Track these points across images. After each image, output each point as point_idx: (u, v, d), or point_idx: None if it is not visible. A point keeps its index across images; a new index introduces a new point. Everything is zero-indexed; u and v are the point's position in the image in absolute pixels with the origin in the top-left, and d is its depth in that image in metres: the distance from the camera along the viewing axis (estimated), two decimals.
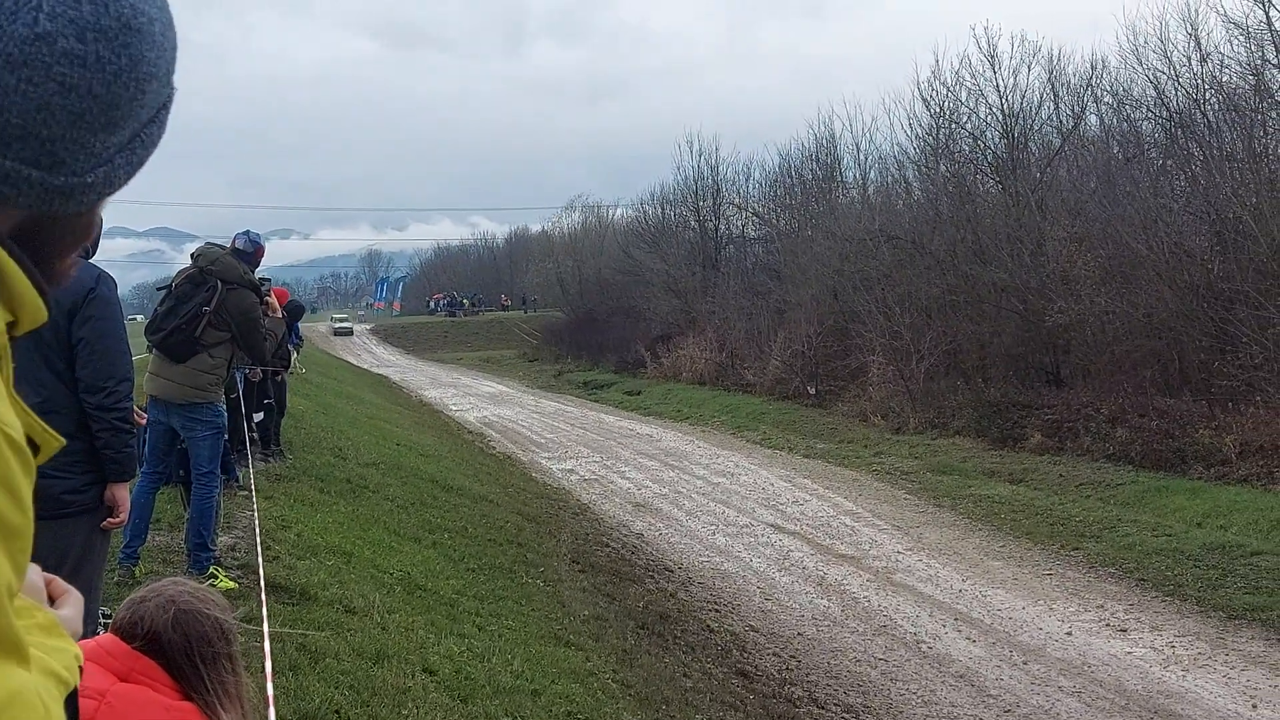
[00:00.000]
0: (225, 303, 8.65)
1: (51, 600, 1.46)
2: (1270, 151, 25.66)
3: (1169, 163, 29.04)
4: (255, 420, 12.76)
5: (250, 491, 11.06)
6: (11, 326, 1.17)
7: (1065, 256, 28.21)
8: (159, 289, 9.16)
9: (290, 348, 14.78)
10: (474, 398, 44.30)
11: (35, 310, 1.17)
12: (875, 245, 35.49)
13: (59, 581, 1.50)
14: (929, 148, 37.78)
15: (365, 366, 61.01)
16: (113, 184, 1.21)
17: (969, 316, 31.10)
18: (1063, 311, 26.64)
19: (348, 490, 13.52)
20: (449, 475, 19.16)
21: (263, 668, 4.88)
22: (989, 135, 34.96)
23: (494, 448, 29.86)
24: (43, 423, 1.18)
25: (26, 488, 1.04)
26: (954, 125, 36.49)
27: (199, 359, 8.51)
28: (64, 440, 1.22)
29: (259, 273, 9.95)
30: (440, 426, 32.57)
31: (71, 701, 1.22)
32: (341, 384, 36.92)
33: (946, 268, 32.35)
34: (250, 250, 9.64)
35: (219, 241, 9.64)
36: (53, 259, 1.22)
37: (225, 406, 8.87)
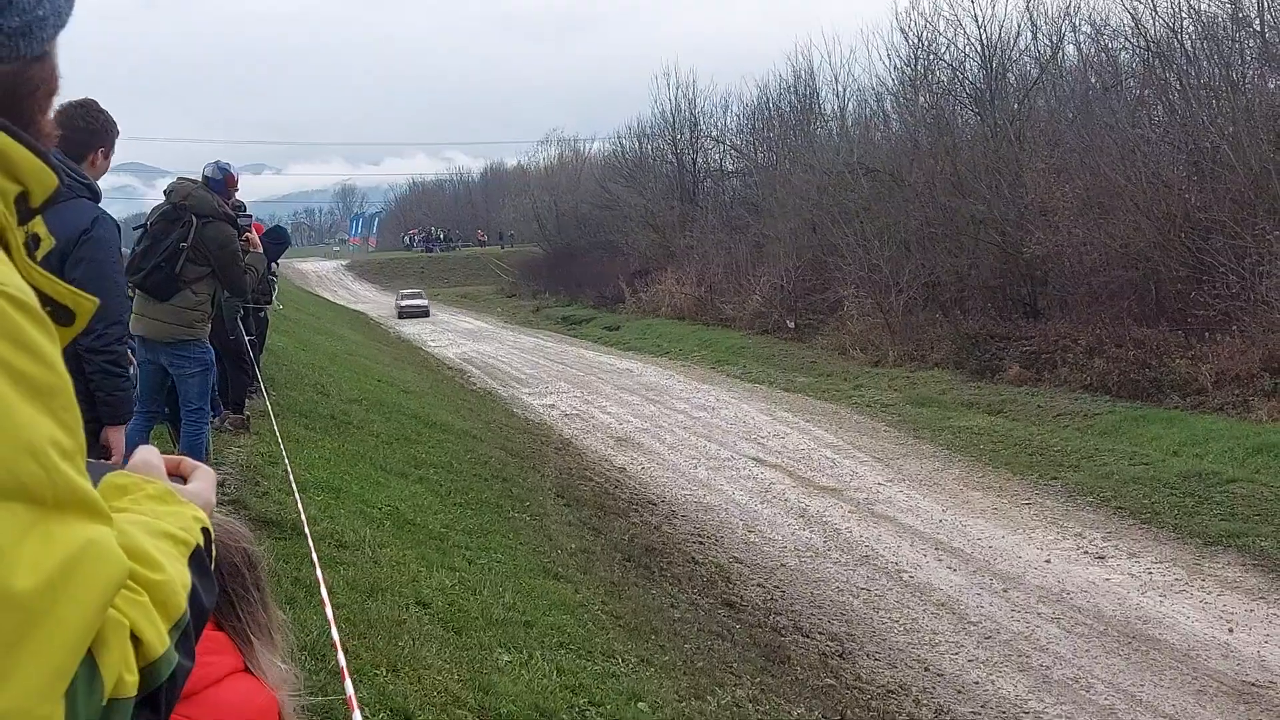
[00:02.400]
0: (202, 237, 8.59)
1: (183, 477, 1.49)
2: (1247, 80, 25.66)
3: (1147, 92, 29.01)
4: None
5: (235, 430, 11.07)
6: (24, 199, 1.17)
7: (1043, 188, 28.21)
8: (135, 229, 9.09)
9: (271, 280, 14.66)
10: (452, 334, 44.26)
11: (42, 175, 1.18)
12: (854, 178, 35.43)
13: (188, 461, 1.53)
14: (907, 79, 37.65)
15: (342, 303, 60.84)
16: (61, 14, 1.22)
17: (947, 249, 31.14)
18: (1040, 243, 26.71)
19: (332, 426, 13.53)
20: (431, 411, 19.19)
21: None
22: (967, 66, 34.91)
23: (474, 384, 29.89)
24: (70, 286, 1.19)
25: (50, 346, 1.05)
26: (932, 56, 36.37)
27: (182, 296, 8.47)
28: (97, 300, 1.24)
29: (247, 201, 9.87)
30: (420, 363, 32.56)
31: (198, 560, 1.24)
32: (319, 320, 36.79)
33: (925, 200, 32.33)
34: (220, 179, 9.56)
35: (191, 176, 9.54)
36: (34, 119, 1.23)
37: (223, 349, 8.86)
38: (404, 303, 58.32)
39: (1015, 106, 32.69)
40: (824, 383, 28.74)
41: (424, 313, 56.37)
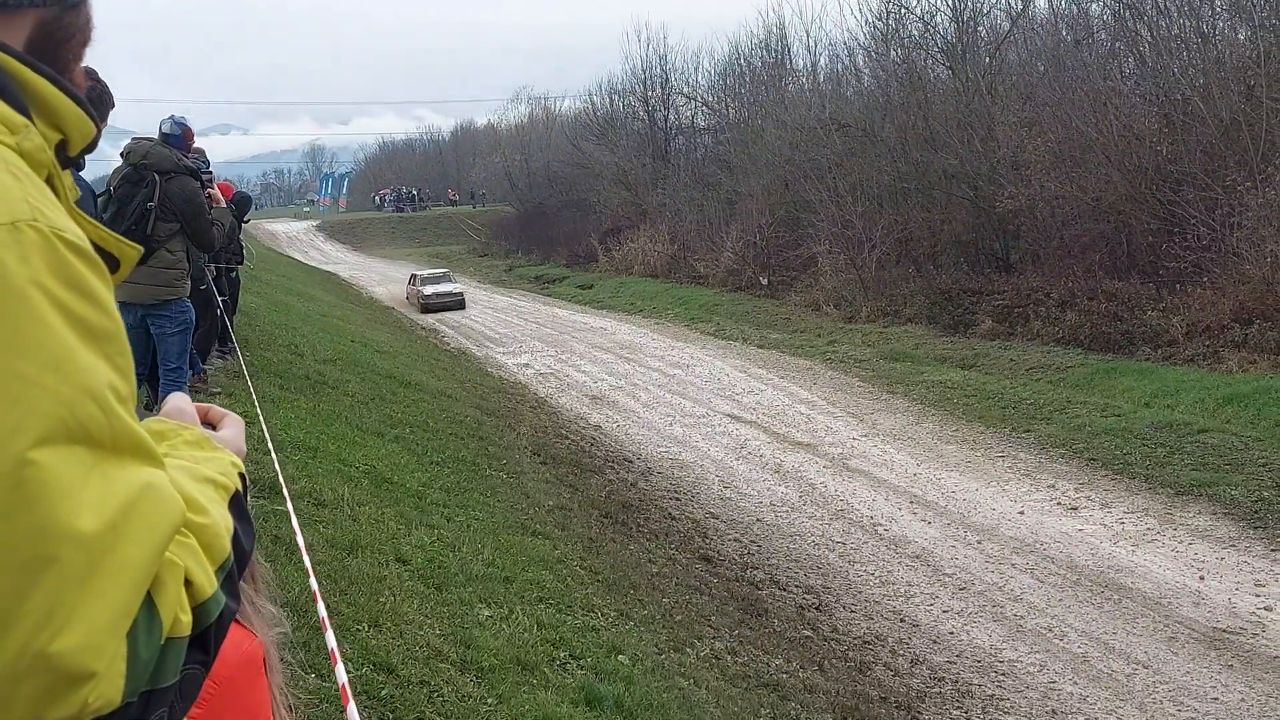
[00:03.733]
0: (167, 193, 8.51)
1: (213, 425, 1.51)
2: (1217, 32, 25.68)
3: (1118, 45, 29.00)
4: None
5: (219, 389, 11.03)
6: (63, 147, 1.18)
7: (1015, 142, 28.25)
8: (98, 195, 8.97)
9: (242, 241, 14.56)
10: None
11: (81, 123, 1.19)
12: (826, 133, 35.36)
13: (217, 408, 1.54)
14: (879, 33, 37.53)
15: (313, 264, 60.46)
16: None
17: (920, 204, 31.18)
18: (1013, 197, 26.76)
19: (307, 386, 13.48)
20: (406, 371, 19.14)
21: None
22: (938, 20, 34.79)
23: (448, 344, 29.84)
24: (115, 233, 1.20)
25: (106, 292, 1.07)
26: (903, 10, 36.23)
27: (158, 256, 8.41)
28: (140, 248, 1.25)
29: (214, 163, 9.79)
30: (393, 323, 32.46)
31: (237, 504, 1.27)
32: (291, 281, 36.57)
33: (897, 155, 32.33)
34: (178, 133, 9.46)
35: (147, 135, 9.40)
36: (68, 67, 1.24)
37: (193, 300, 8.80)
38: (428, 289, 40.32)
39: (987, 60, 32.65)
40: (798, 339, 28.81)
41: (458, 303, 39.86)
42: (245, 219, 15.02)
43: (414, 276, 43.68)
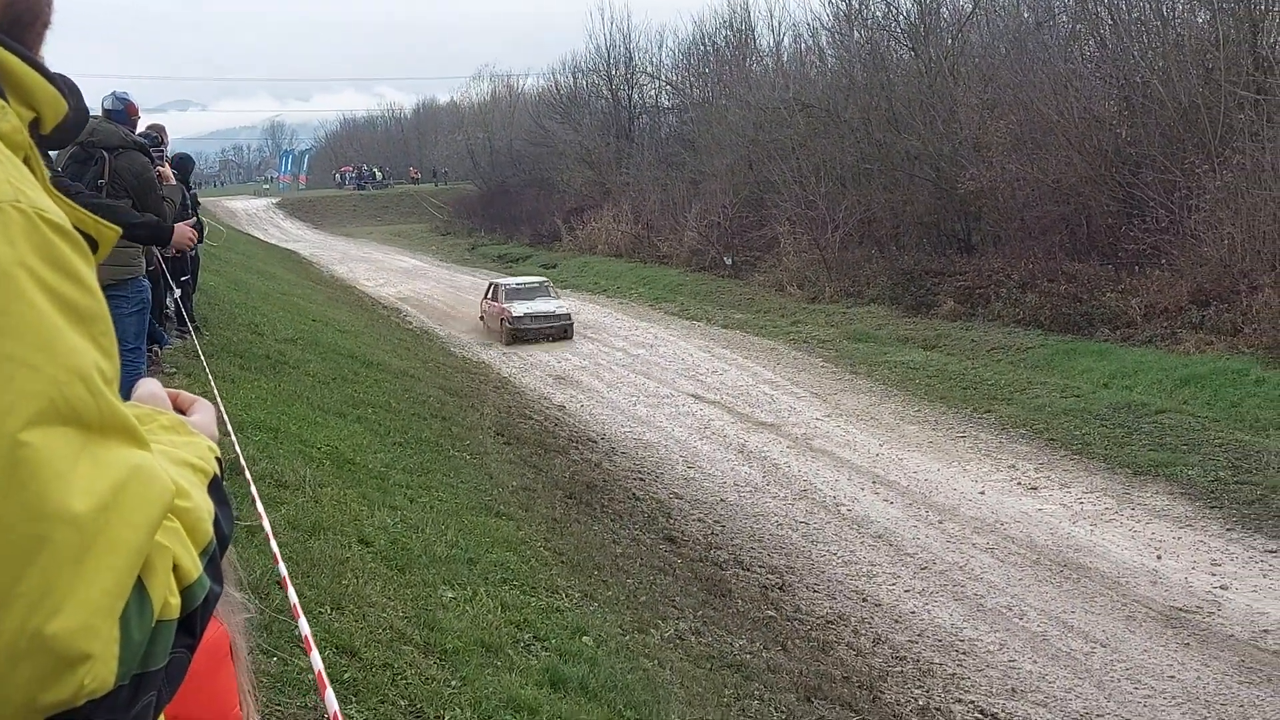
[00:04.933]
0: (116, 169, 8.38)
1: (182, 410, 1.50)
2: (1177, 15, 25.84)
3: (1079, 27, 29.12)
4: (174, 295, 12.51)
5: (175, 369, 10.92)
6: (36, 125, 1.17)
7: (977, 123, 28.38)
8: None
9: (199, 216, 14.38)
10: (387, 272, 43.85)
11: (54, 101, 1.18)
12: (790, 113, 35.38)
13: (186, 394, 1.54)
14: (842, 14, 37.54)
15: (273, 242, 59.96)
16: None
17: (883, 185, 31.26)
18: (974, 179, 26.87)
19: (268, 366, 13.38)
20: (368, 351, 19.05)
21: None
22: (901, 1, 34.81)
23: (411, 323, 29.71)
24: (92, 214, 1.20)
25: (89, 272, 1.07)
26: None
27: None
28: (119, 229, 1.25)
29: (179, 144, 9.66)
30: (355, 302, 32.27)
31: (216, 488, 1.27)
32: (251, 259, 36.27)
33: (860, 136, 32.40)
34: (121, 109, 9.33)
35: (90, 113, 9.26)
36: (34, 49, 1.22)
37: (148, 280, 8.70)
38: (519, 309, 27.81)
39: (949, 42, 32.73)
40: (761, 319, 28.87)
41: (562, 331, 27.84)
42: (191, 186, 14.80)
43: (495, 288, 29.56)
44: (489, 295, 29.63)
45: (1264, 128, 20.86)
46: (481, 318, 29.78)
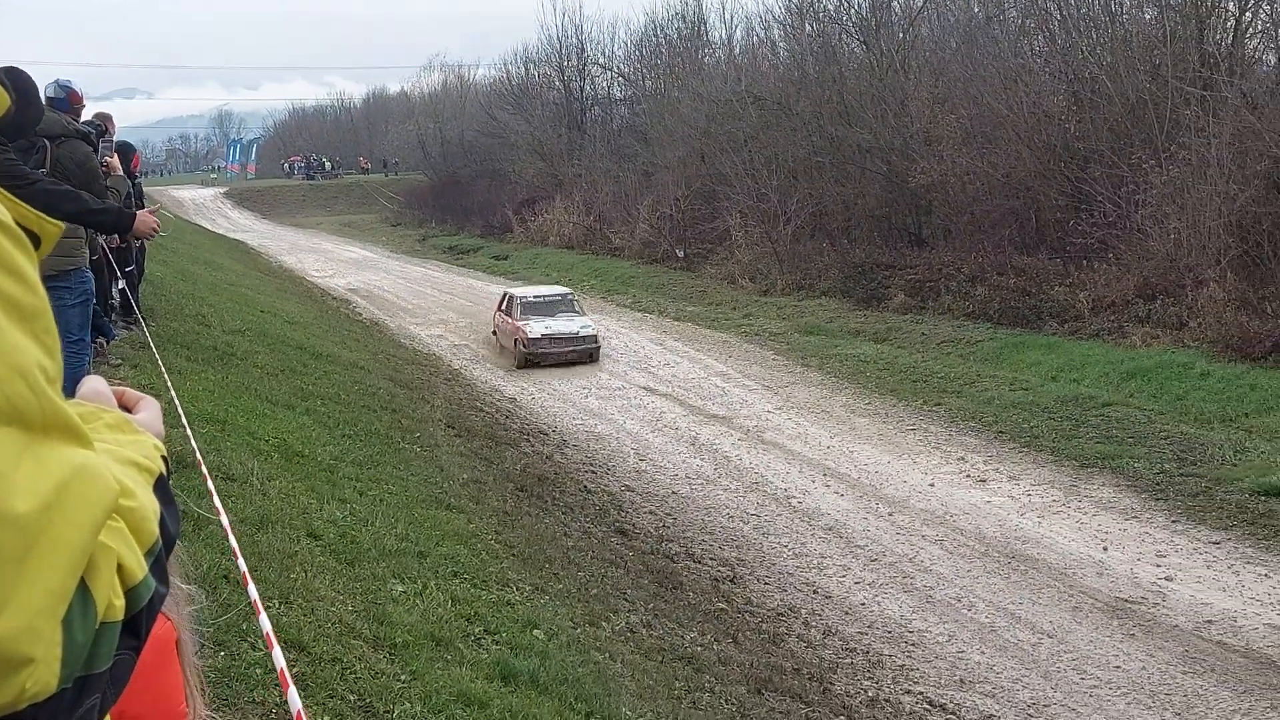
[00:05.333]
0: (58, 158, 8.24)
1: (127, 408, 1.47)
2: (1125, 11, 26.11)
3: (1028, 22, 29.37)
4: (119, 286, 12.34)
5: (121, 360, 10.78)
6: None
7: (928, 117, 28.53)
8: None
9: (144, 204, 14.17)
10: (337, 263, 43.52)
11: None
12: (742, 106, 35.43)
13: (132, 391, 1.50)
14: (794, 7, 37.68)
15: (221, 232, 59.37)
16: None
17: (834, 178, 31.38)
18: (925, 172, 27.02)
19: (215, 358, 13.23)
20: (317, 342, 18.89)
21: None
22: None
23: (360, 314, 29.48)
24: (36, 211, 1.17)
25: (31, 268, 1.04)
26: None
27: None
28: (62, 225, 1.22)
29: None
30: (304, 293, 32.01)
31: (162, 487, 1.24)
32: (198, 250, 35.89)
33: (812, 129, 32.49)
34: (64, 96, 9.18)
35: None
36: None
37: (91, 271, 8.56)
38: (536, 327, 23.81)
39: (900, 36, 32.90)
40: (713, 311, 28.90)
41: (588, 354, 23.77)
42: (135, 176, 14.58)
43: (510, 300, 25.38)
44: (502, 307, 25.53)
45: (1210, 124, 21.11)
46: (494, 333, 25.84)
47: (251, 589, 4.69)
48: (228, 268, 32.17)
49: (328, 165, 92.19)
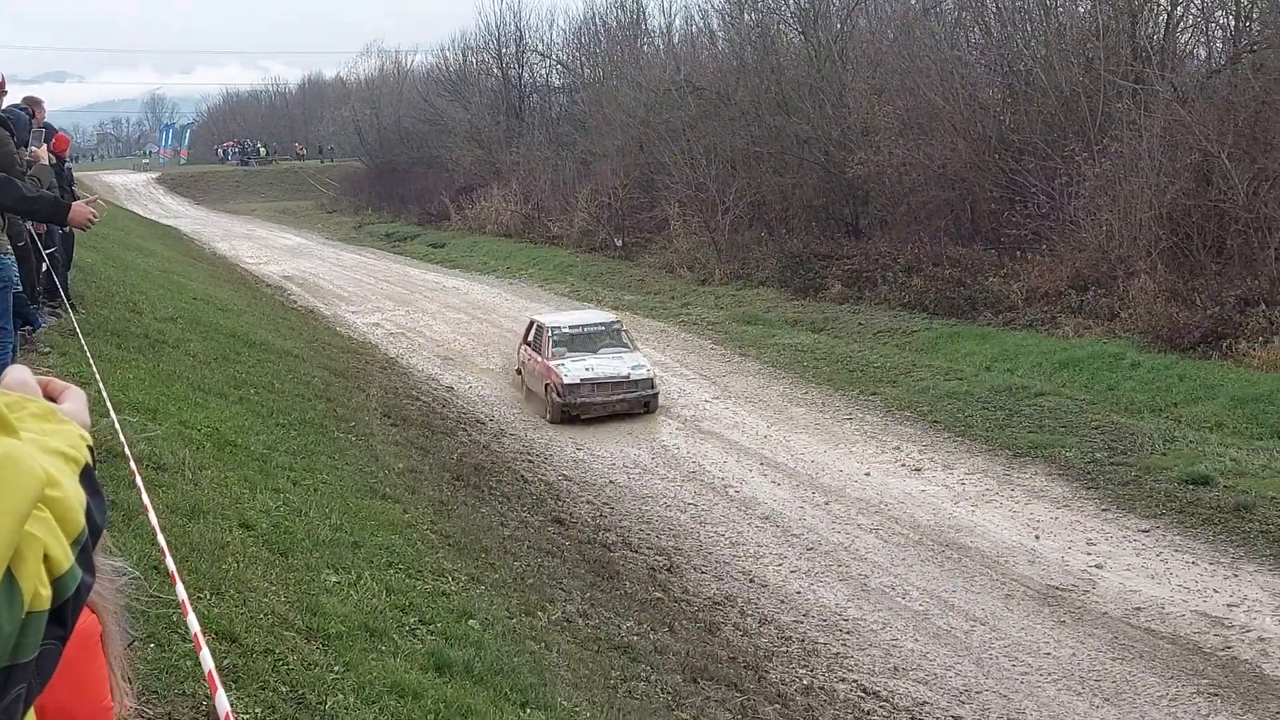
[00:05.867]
0: None
1: (53, 398, 1.43)
2: (1059, 4, 26.39)
3: (964, 15, 29.60)
4: (44, 267, 12.10)
5: (50, 348, 10.58)
6: None
7: (865, 108, 28.67)
8: None
9: (76, 192, 13.93)
10: (271, 250, 43.04)
11: None
12: (680, 95, 35.42)
13: (57, 380, 1.47)
14: None
15: (153, 218, 58.54)
16: None
17: (772, 168, 31.47)
18: (862, 163, 27.17)
19: (146, 346, 13.03)
20: (251, 330, 18.68)
21: None
22: None
23: (295, 302, 29.20)
24: None
25: None
26: None
27: None
28: None
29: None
30: (238, 280, 31.64)
31: (88, 477, 1.22)
32: (129, 235, 35.35)
33: (751, 119, 32.55)
34: None
35: None
36: None
37: (14, 258, 8.38)
38: (573, 369, 18.53)
39: (838, 26, 33.02)
40: (652, 301, 28.92)
41: (641, 402, 18.53)
42: (65, 160, 14.32)
43: (538, 331, 20.06)
44: (529, 339, 20.29)
45: (1141, 117, 21.40)
46: (519, 371, 20.66)
47: (180, 589, 4.61)
48: (160, 254, 31.73)
49: (262, 151, 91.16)
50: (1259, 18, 22.54)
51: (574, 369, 18.36)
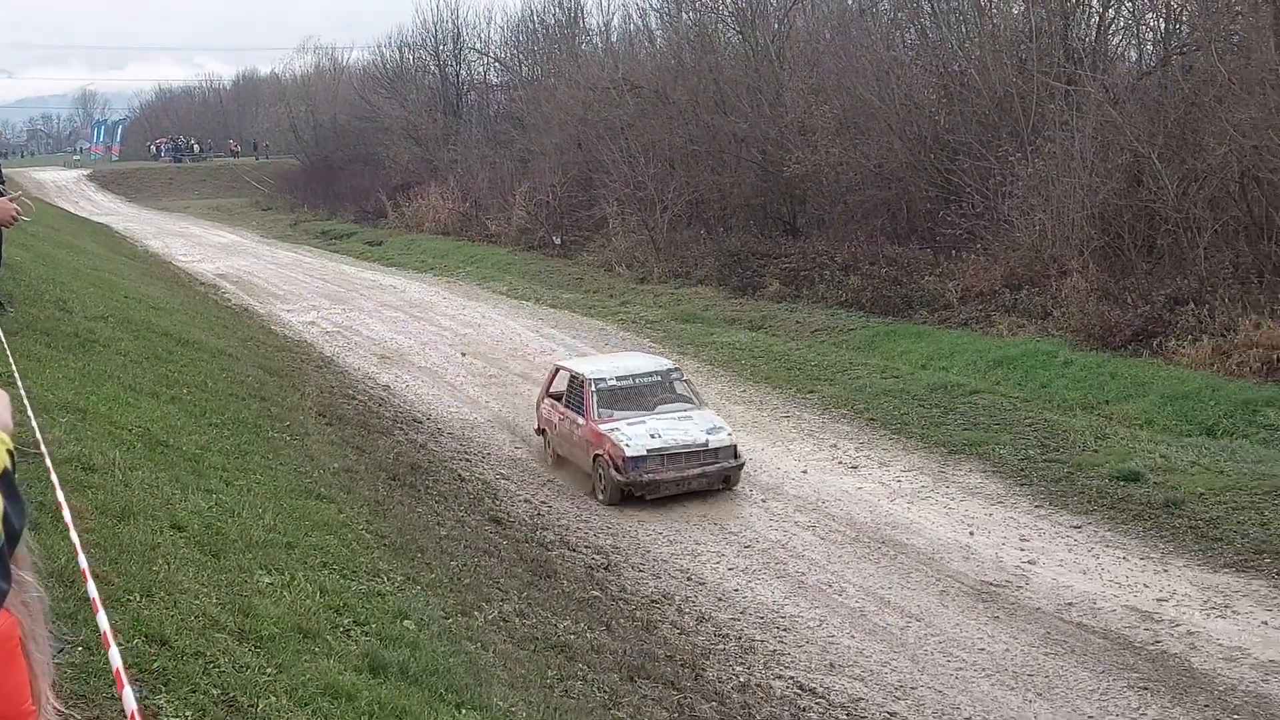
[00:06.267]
0: None
1: None
2: (994, 5, 26.67)
3: (900, 15, 29.83)
4: None
5: None
6: None
7: (802, 107, 28.81)
8: None
9: (4, 189, 13.65)
10: (205, 248, 42.49)
11: None
12: (619, 94, 35.41)
13: None
14: None
15: (84, 215, 57.59)
16: None
17: (711, 167, 31.53)
18: (800, 162, 27.30)
19: (76, 345, 12.82)
20: (184, 329, 18.44)
21: None
22: None
23: (230, 300, 28.85)
24: None
25: None
26: None
27: None
28: None
29: None
30: (170, 278, 31.21)
31: (7, 481, 1.18)
32: (59, 233, 34.75)
33: (689, 118, 32.60)
34: None
35: None
36: None
37: None
38: (636, 437, 14.34)
39: (776, 26, 33.16)
40: (590, 299, 28.88)
41: (723, 474, 14.30)
42: None
43: (572, 381, 16.00)
44: (554, 390, 16.38)
45: (1073, 117, 21.67)
46: (541, 431, 16.50)
47: (91, 587, 4.54)
48: (91, 252, 31.26)
49: (196, 148, 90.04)
50: (1188, 20, 22.90)
51: (636, 436, 14.36)
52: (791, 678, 9.60)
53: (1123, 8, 24.88)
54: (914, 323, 22.10)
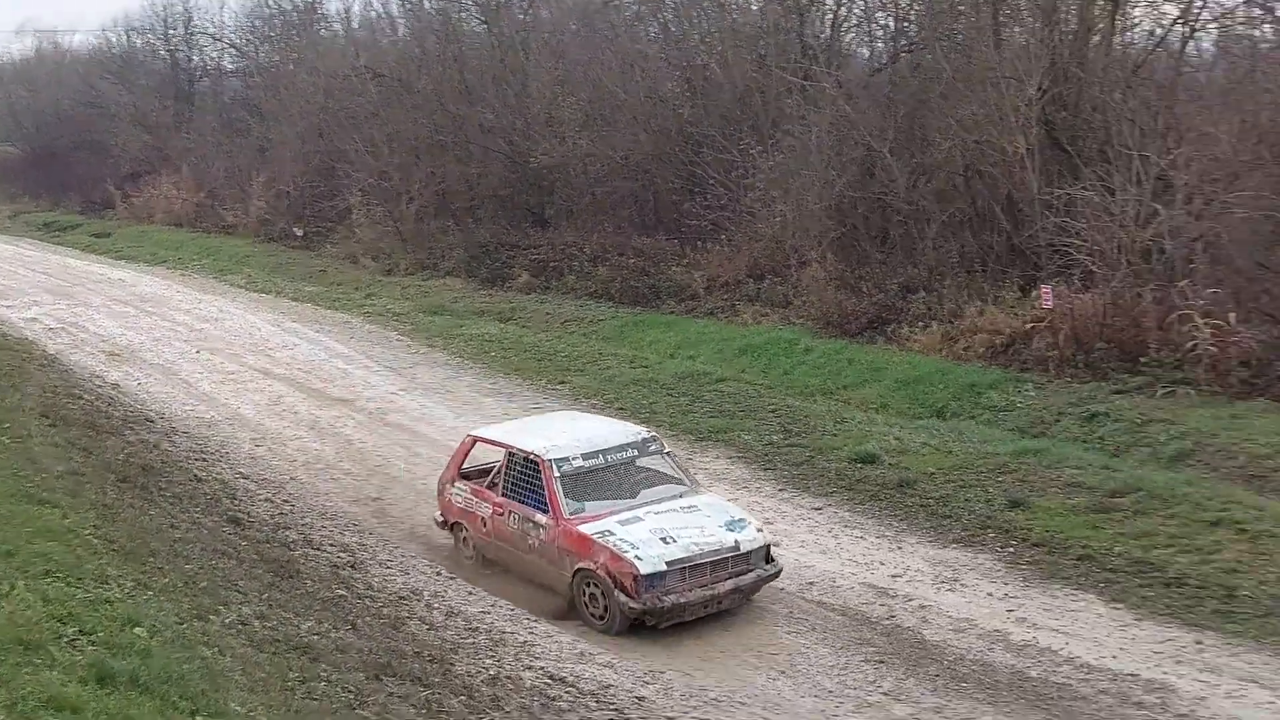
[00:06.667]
0: None
1: None
2: (733, 1, 27.22)
3: (643, 9, 30.11)
4: None
5: None
6: None
7: (549, 99, 28.76)
8: None
9: None
10: None
11: None
12: (361, 82, 34.61)
13: None
14: None
15: None
16: None
17: (457, 157, 31.16)
18: (547, 153, 27.24)
19: None
20: None
21: None
22: None
23: None
24: None
25: None
26: None
27: None
28: None
29: None
30: None
31: None
32: None
33: (434, 107, 32.12)
34: None
35: None
36: None
37: None
38: (647, 544, 10.53)
39: (521, 16, 33.03)
40: (334, 292, 28.16)
41: (756, 583, 10.85)
42: None
43: (510, 459, 11.89)
44: (472, 472, 12.73)
45: (810, 112, 22.30)
46: (451, 525, 12.56)
47: None
48: None
49: None
50: (915, 19, 23.85)
51: (643, 543, 10.69)
52: (542, 668, 9.58)
53: (855, 6, 25.75)
54: (662, 313, 22.38)
